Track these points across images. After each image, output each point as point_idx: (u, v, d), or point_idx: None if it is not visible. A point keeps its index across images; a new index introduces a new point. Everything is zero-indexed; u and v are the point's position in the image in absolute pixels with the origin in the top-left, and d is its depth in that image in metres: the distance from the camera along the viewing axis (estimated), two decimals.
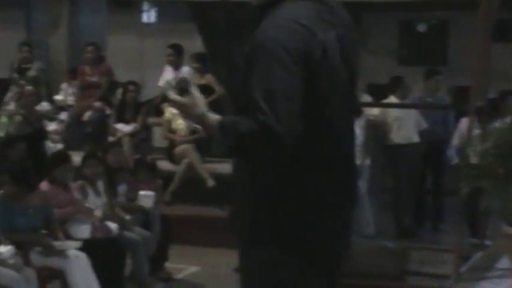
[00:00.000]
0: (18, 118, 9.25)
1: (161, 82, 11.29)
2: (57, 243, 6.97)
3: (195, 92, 3.08)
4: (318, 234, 2.99)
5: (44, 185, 7.44)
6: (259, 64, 2.80)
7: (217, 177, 9.64)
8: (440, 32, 13.49)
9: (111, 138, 10.36)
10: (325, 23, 2.96)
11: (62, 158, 7.78)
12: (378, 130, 9.90)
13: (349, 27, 3.10)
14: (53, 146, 10.22)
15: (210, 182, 9.64)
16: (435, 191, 10.34)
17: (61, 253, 6.92)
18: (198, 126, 3.00)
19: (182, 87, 9.81)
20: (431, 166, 10.16)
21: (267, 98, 2.73)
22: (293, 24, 2.87)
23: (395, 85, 9.98)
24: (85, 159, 7.91)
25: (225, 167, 9.48)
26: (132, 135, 10.36)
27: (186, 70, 11.11)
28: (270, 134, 2.72)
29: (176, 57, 11.20)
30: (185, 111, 2.98)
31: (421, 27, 13.74)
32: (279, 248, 2.97)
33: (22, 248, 6.75)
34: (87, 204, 7.46)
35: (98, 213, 7.47)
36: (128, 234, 7.70)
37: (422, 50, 13.52)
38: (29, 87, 10.70)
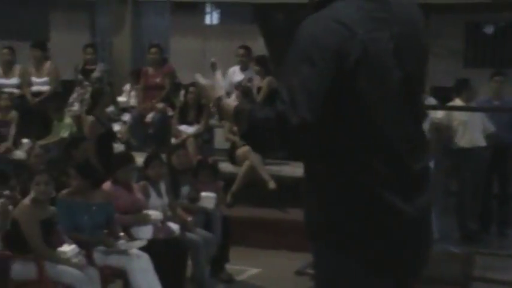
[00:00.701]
0: (91, 118, 9.34)
1: (226, 85, 11.30)
2: (121, 242, 6.99)
3: (218, 76, 3.11)
4: (383, 241, 2.94)
5: (107, 185, 7.48)
6: (290, 58, 2.82)
7: (278, 179, 9.59)
8: (507, 34, 13.27)
9: (174, 140, 10.38)
10: (377, 22, 2.90)
11: (125, 158, 7.79)
12: (442, 133, 9.74)
13: (409, 25, 3.01)
14: (116, 147, 10.27)
15: (271, 184, 9.58)
16: (501, 196, 10.14)
17: (124, 253, 6.94)
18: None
19: (245, 89, 9.79)
20: (498, 170, 9.98)
21: (289, 91, 2.74)
22: (331, 23, 2.84)
23: (461, 88, 9.82)
24: (148, 160, 7.92)
25: (286, 170, 9.64)
26: (196, 136, 10.36)
27: (252, 70, 11.08)
28: (283, 124, 2.72)
29: (247, 57, 11.21)
30: (205, 93, 3.06)
31: (488, 29, 13.52)
32: (345, 253, 2.95)
33: (85, 247, 6.80)
34: (145, 211, 7.45)
35: (158, 216, 7.45)
36: (190, 235, 7.67)
37: (488, 52, 13.29)
38: (107, 88, 10.82)
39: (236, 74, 11.23)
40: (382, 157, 2.89)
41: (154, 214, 7.45)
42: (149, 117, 11.21)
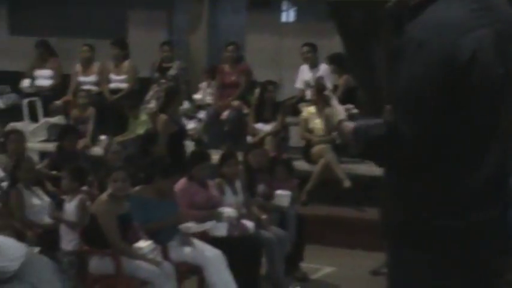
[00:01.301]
0: (164, 116, 9.44)
1: (298, 83, 11.28)
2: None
3: (334, 103, 3.15)
4: (462, 238, 2.94)
5: (182, 182, 7.51)
6: (403, 62, 2.81)
7: (353, 177, 9.53)
8: None
9: (250, 138, 10.41)
10: (481, 20, 2.91)
11: (201, 156, 7.82)
12: None
13: (508, 22, 3.00)
14: (190, 144, 10.32)
15: (347, 183, 9.53)
16: None
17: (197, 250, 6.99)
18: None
19: (319, 87, 9.75)
20: None
21: (402, 98, 2.78)
22: (438, 25, 2.85)
23: None
24: (224, 158, 7.94)
25: (362, 168, 9.50)
26: (274, 134, 10.35)
27: (323, 68, 11.06)
28: (397, 139, 2.77)
29: (312, 54, 11.21)
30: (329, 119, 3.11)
31: None
32: (426, 252, 2.96)
33: (161, 243, 6.84)
34: (219, 208, 7.49)
35: (232, 213, 7.47)
36: (264, 233, 7.66)
37: None
38: (181, 86, 10.94)
39: (305, 72, 11.23)
40: (488, 157, 2.91)
41: (229, 211, 7.47)
42: (225, 114, 11.25)
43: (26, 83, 12.12)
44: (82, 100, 11.16)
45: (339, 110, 3.08)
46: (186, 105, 11.22)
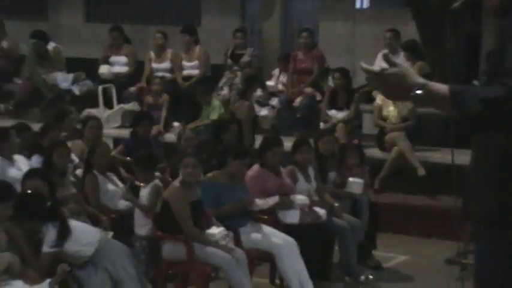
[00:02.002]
0: (247, 102, 9.44)
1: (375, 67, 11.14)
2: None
3: (400, 60, 3.01)
4: None
5: (254, 169, 7.51)
6: None
7: (428, 165, 9.39)
8: None
9: (323, 125, 10.34)
10: None
11: (273, 142, 7.77)
12: None
13: None
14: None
15: (421, 171, 9.39)
16: None
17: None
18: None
19: None
20: None
21: None
22: None
23: None
24: (296, 145, 7.88)
25: (436, 156, 9.40)
26: (346, 122, 10.29)
27: (401, 55, 10.85)
28: None
29: (394, 40, 11.08)
30: (392, 84, 2.83)
31: None
32: None
33: (232, 228, 6.84)
34: (292, 195, 7.46)
35: (304, 200, 7.45)
36: (337, 220, 7.60)
37: None
38: (252, 72, 10.95)
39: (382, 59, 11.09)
40: None
41: (301, 199, 7.45)
42: (297, 101, 11.21)
43: (104, 69, 12.26)
44: (156, 87, 11.23)
45: (409, 70, 2.92)
46: (258, 92, 11.20)
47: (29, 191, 6.33)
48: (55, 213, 6.06)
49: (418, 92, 2.74)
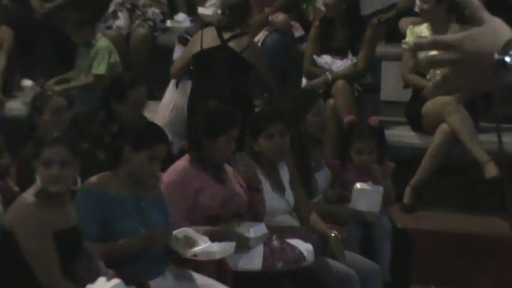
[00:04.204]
0: None
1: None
2: None
3: None
4: None
5: (177, 167, 5.44)
6: None
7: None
8: None
9: (305, 82, 7.50)
10: None
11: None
12: None
13: None
14: None
15: (491, 170, 6.63)
16: None
17: None
18: None
19: None
20: None
21: None
22: None
23: None
24: (259, 122, 5.65)
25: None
26: (350, 77, 7.31)
27: None
28: None
29: None
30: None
31: None
32: None
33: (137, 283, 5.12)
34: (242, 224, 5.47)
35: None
36: (334, 263, 5.48)
37: None
38: None
39: None
40: None
41: (261, 228, 5.28)
42: (258, 40, 7.94)
43: None
44: None
45: None
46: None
47: None
48: None
49: None
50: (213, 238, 4.96)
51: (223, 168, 5.20)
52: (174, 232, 4.92)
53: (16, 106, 7.71)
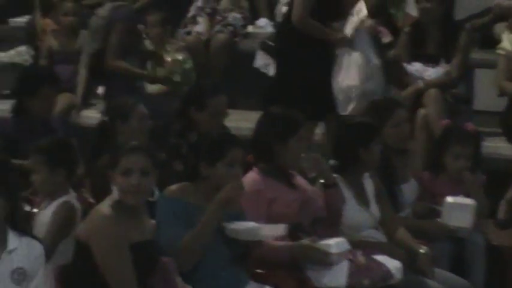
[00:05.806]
0: None
1: None
2: None
3: None
4: None
5: (251, 178, 5.29)
6: None
7: None
8: None
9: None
10: None
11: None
12: None
13: None
14: None
15: None
16: None
17: None
18: None
19: None
20: None
21: None
22: None
23: None
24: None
25: None
26: (442, 85, 7.10)
27: None
28: None
29: None
30: None
31: None
32: None
33: None
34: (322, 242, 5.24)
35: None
36: (424, 281, 5.26)
37: None
38: None
39: None
40: None
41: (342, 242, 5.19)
42: None
43: None
44: (66, 20, 7.81)
45: None
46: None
47: None
48: None
49: None
50: (293, 254, 4.78)
51: (292, 174, 5.03)
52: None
53: (92, 114, 7.43)
